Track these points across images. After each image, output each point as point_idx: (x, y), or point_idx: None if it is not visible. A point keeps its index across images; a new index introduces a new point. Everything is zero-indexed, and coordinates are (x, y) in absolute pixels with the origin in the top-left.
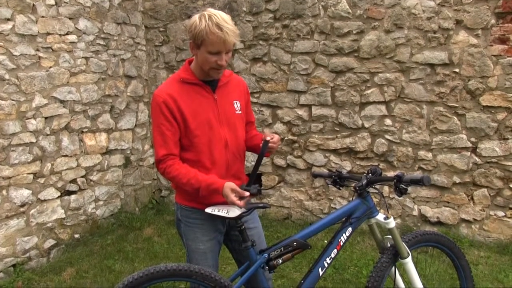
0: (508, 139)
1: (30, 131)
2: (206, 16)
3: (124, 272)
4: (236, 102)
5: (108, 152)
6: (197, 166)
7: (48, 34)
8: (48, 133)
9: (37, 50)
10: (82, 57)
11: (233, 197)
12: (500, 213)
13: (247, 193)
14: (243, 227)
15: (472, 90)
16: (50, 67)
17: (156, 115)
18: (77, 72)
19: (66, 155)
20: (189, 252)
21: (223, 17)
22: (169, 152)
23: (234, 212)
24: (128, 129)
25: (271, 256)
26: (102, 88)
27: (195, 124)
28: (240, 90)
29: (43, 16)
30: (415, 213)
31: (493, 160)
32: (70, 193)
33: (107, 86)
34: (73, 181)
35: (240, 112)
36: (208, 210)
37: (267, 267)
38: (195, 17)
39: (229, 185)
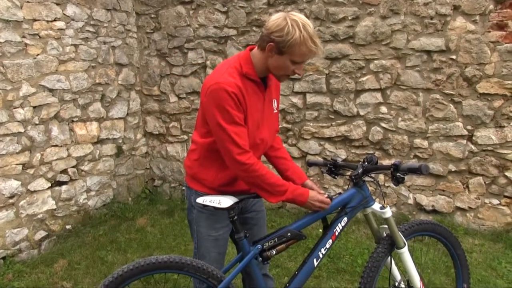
0: (504, 127)
1: (18, 121)
2: (300, 24)
3: (116, 263)
4: (274, 101)
5: (99, 141)
6: (221, 159)
7: (35, 20)
8: (37, 122)
9: (23, 37)
10: (71, 45)
11: (322, 197)
12: (495, 201)
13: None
14: (235, 217)
15: (469, 77)
16: (38, 54)
17: (227, 105)
18: (66, 60)
19: (56, 145)
20: (199, 239)
21: (313, 29)
22: (246, 144)
23: (226, 202)
24: (120, 118)
25: (264, 247)
26: (92, 76)
27: (251, 123)
28: (277, 88)
29: (28, 1)
30: (411, 201)
31: (489, 148)
32: (61, 183)
33: (98, 74)
34: (64, 171)
35: (276, 111)
36: (200, 200)
37: (260, 259)
38: (282, 19)
39: (312, 191)
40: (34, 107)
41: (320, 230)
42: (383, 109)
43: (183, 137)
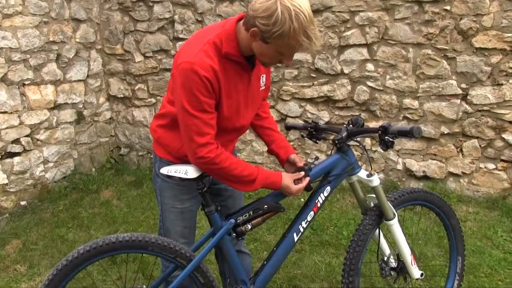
0: (502, 84)
1: None
2: (292, 13)
3: (78, 241)
4: (263, 76)
5: (56, 107)
6: None
7: None
8: None
9: None
10: None
11: (296, 186)
12: (491, 166)
13: (302, 173)
14: (205, 189)
15: (465, 30)
16: None
17: (197, 90)
18: (11, 14)
19: (5, 112)
20: (164, 211)
21: (311, 17)
22: (212, 134)
23: (194, 172)
24: (79, 80)
25: (238, 221)
26: (45, 33)
27: (227, 109)
28: None
29: None
30: (400, 167)
31: (485, 108)
32: (12, 155)
33: (51, 31)
34: (16, 141)
35: (263, 87)
36: (164, 171)
37: (234, 234)
38: (272, 3)
39: (287, 175)
40: None
41: (302, 200)
42: (370, 66)
43: (151, 100)
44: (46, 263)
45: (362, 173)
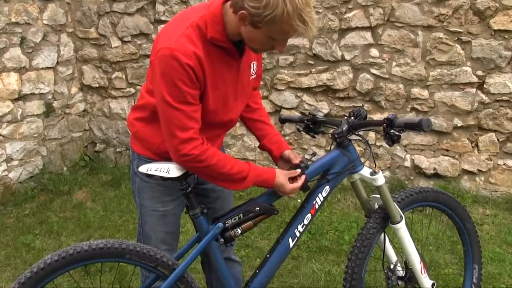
0: None
1: None
2: None
3: (47, 250)
4: (253, 64)
5: (21, 97)
6: None
7: None
8: None
9: None
10: None
11: (291, 185)
12: (511, 162)
13: (298, 171)
14: (189, 189)
15: (482, 10)
16: None
17: (178, 80)
18: None
19: None
20: (143, 214)
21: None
22: (196, 128)
23: (177, 171)
24: (48, 68)
25: (227, 225)
26: (6, 13)
27: (213, 101)
28: None
29: None
30: (407, 164)
31: (504, 98)
32: None
33: (13, 11)
34: None
35: (254, 76)
36: (142, 169)
37: (222, 240)
38: None
39: (281, 172)
40: None
41: (299, 201)
42: (374, 52)
43: (130, 90)
44: (8, 275)
45: (365, 171)
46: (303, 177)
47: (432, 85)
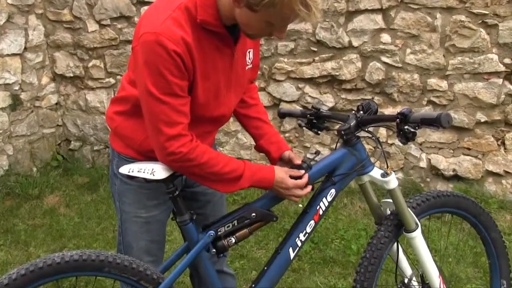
0: None
1: None
2: None
3: (12, 263)
4: (250, 52)
5: None
6: None
7: None
8: None
9: None
10: None
11: (294, 181)
12: None
13: (302, 171)
14: (176, 193)
15: None
16: None
17: (164, 68)
18: None
19: None
20: (124, 221)
21: None
22: (185, 124)
23: (163, 172)
24: (14, 54)
25: (219, 233)
26: None
27: (203, 93)
28: None
29: None
30: (423, 164)
31: None
32: None
33: None
34: None
35: (250, 65)
36: (123, 170)
37: (214, 250)
38: None
39: (281, 169)
40: None
41: (300, 206)
42: (385, 37)
43: (109, 81)
44: None
45: (376, 172)
46: (306, 176)
47: (452, 75)
